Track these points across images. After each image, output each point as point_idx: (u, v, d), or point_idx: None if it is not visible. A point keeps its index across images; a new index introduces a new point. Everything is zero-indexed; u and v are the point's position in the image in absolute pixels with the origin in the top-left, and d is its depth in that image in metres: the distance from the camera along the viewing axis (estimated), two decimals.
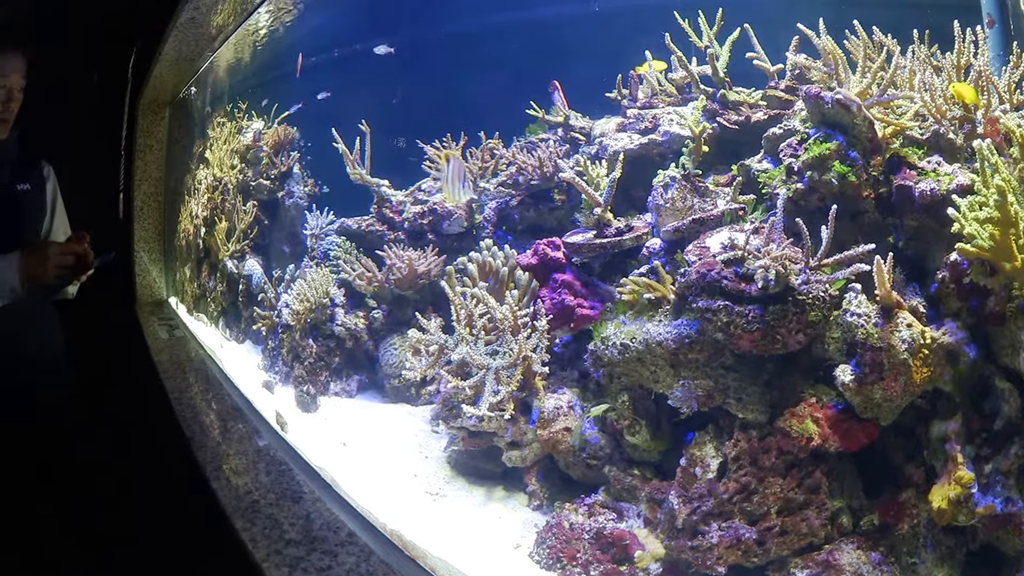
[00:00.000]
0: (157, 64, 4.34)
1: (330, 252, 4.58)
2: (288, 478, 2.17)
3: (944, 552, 2.08)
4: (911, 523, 2.15)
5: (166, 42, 3.89)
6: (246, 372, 4.35)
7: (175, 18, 3.50)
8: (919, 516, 2.14)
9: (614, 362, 2.64)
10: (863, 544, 2.18)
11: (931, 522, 2.08)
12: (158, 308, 5.36)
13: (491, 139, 4.16)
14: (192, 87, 5.47)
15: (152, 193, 5.44)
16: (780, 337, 2.26)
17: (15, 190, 2.62)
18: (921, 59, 2.55)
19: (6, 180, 2.60)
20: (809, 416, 2.25)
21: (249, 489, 2.06)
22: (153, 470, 2.87)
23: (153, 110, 5.33)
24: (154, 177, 5.42)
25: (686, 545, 2.25)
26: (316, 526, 1.82)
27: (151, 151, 5.37)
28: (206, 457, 2.29)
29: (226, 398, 3.11)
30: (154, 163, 5.42)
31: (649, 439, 2.62)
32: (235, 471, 2.24)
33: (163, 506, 2.63)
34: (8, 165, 2.62)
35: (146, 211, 5.42)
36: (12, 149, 2.62)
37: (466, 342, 3.02)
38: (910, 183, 2.33)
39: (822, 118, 2.57)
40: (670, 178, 2.90)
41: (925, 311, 2.22)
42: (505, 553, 2.52)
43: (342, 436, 3.49)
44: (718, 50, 3.19)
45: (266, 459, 2.34)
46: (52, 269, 2.35)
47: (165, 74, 4.67)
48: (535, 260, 3.14)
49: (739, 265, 2.34)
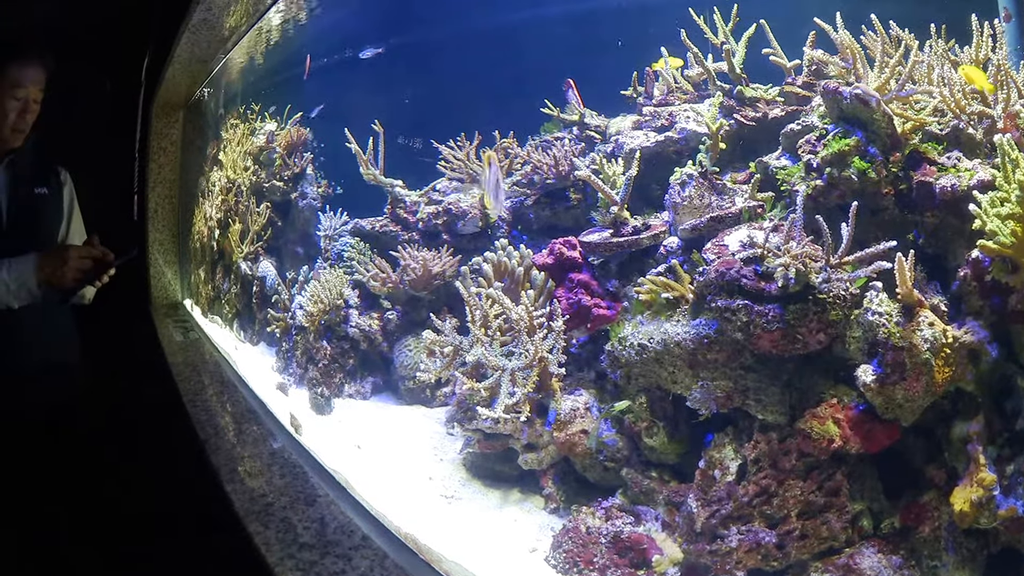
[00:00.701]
0: (170, 66, 4.35)
1: (344, 253, 4.57)
2: (302, 481, 2.16)
3: (965, 555, 2.05)
4: (932, 526, 2.11)
5: (179, 44, 3.89)
6: (260, 374, 4.35)
7: (187, 20, 3.50)
8: (940, 519, 2.10)
9: (632, 363, 2.61)
10: (884, 548, 2.14)
11: (952, 524, 2.04)
12: (173, 310, 5.38)
13: (505, 139, 4.13)
14: (206, 89, 5.48)
15: (167, 195, 5.47)
16: (800, 337, 2.23)
17: (33, 194, 2.65)
18: (939, 54, 2.50)
19: (24, 184, 2.63)
20: (830, 417, 2.21)
21: (263, 492, 2.05)
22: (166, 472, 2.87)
23: (167, 113, 5.35)
24: (168, 179, 5.45)
25: (705, 549, 2.22)
26: (330, 529, 1.80)
27: (165, 153, 5.40)
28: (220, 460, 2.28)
29: (240, 400, 3.11)
30: (168, 165, 5.45)
31: (667, 441, 2.59)
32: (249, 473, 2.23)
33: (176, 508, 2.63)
34: (26, 170, 2.64)
35: (160, 213, 5.45)
36: (30, 154, 2.65)
37: (481, 343, 2.99)
38: (930, 179, 2.29)
39: (840, 114, 2.53)
40: (687, 175, 2.86)
41: (946, 310, 2.19)
42: (521, 557, 2.50)
43: (356, 438, 3.47)
44: (734, 46, 3.16)
45: (280, 462, 2.32)
46: (70, 272, 2.37)
47: (178, 76, 4.68)
48: (551, 259, 3.12)
49: (758, 263, 2.30)
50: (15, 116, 2.54)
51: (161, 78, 4.66)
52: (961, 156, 2.32)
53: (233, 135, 5.81)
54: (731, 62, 3.14)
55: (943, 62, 2.47)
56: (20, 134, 2.58)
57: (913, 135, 2.43)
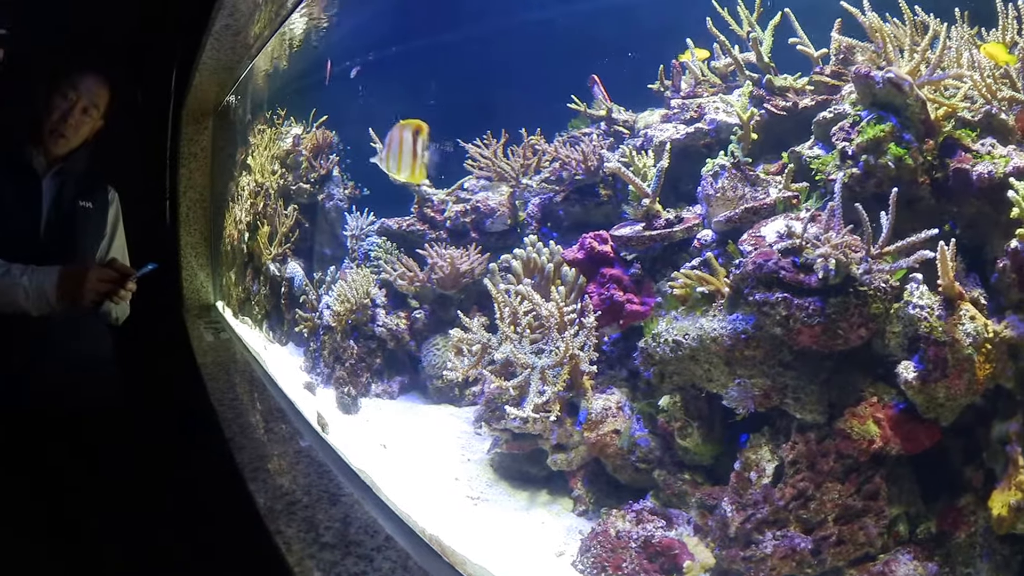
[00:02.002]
0: (197, 73, 4.40)
1: (371, 252, 4.57)
2: (327, 480, 2.15)
3: (999, 562, 1.95)
4: (968, 531, 2.02)
5: (204, 51, 3.93)
6: (288, 374, 4.36)
7: (210, 26, 3.53)
8: (977, 523, 2.01)
9: (666, 360, 2.53)
10: (919, 554, 2.05)
11: (988, 530, 1.95)
12: (205, 312, 5.44)
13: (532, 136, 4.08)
14: (234, 96, 5.53)
15: (198, 200, 5.54)
16: (841, 332, 2.13)
17: (77, 207, 2.68)
18: (966, 39, 2.40)
19: (69, 197, 2.65)
20: (870, 417, 2.13)
21: (287, 490, 2.04)
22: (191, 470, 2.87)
23: (196, 119, 5.43)
24: (199, 185, 5.53)
25: (738, 555, 2.14)
26: (353, 529, 1.78)
27: (195, 159, 5.47)
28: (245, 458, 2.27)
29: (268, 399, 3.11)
30: (199, 171, 5.52)
31: (701, 442, 2.51)
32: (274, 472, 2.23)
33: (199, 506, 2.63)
34: (72, 181, 2.68)
35: (192, 218, 5.52)
36: (80, 163, 2.68)
37: (510, 340, 2.93)
38: (967, 166, 2.19)
39: (873, 99, 2.43)
40: (720, 167, 2.79)
41: (986, 303, 2.09)
42: (548, 561, 2.43)
43: (383, 438, 3.45)
44: (761, 34, 3.08)
45: (305, 460, 2.32)
46: (87, 293, 2.38)
47: (205, 83, 4.74)
48: (581, 255, 3.06)
49: (797, 255, 2.22)
50: (58, 116, 2.56)
51: (188, 85, 4.71)
52: (995, 142, 2.23)
53: (260, 140, 5.86)
54: (759, 51, 3.06)
55: (970, 46, 2.38)
56: (61, 139, 2.60)
57: (946, 122, 2.34)
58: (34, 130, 2.57)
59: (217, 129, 5.67)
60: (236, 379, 3.45)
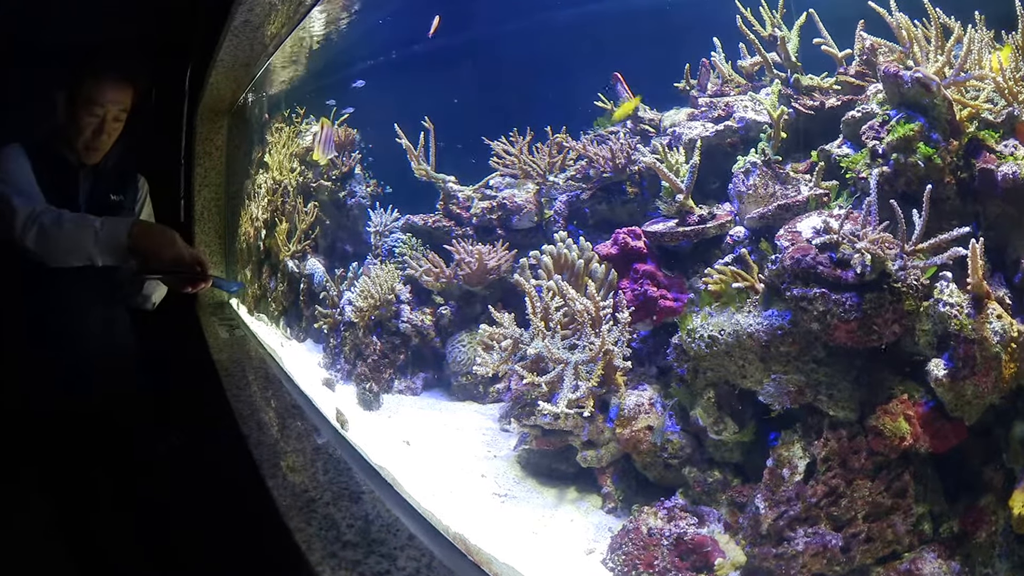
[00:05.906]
0: (213, 71, 4.40)
1: (395, 249, 4.57)
2: (347, 477, 2.09)
3: (1016, 562, 1.97)
4: (988, 531, 2.03)
5: (221, 47, 3.93)
6: (306, 370, 4.35)
7: (229, 22, 3.52)
8: (997, 523, 2.02)
9: (701, 356, 2.53)
10: (943, 552, 2.07)
11: (1007, 530, 1.96)
12: (219, 309, 5.43)
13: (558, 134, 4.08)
14: (250, 95, 5.54)
15: (212, 198, 5.56)
16: (876, 328, 2.14)
17: (109, 200, 2.71)
18: (985, 42, 2.41)
19: (102, 189, 2.69)
20: (902, 414, 2.13)
21: (306, 488, 2.00)
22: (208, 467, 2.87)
23: (211, 118, 5.45)
24: (214, 183, 5.55)
25: (770, 552, 2.14)
26: (375, 527, 1.74)
27: (210, 157, 5.50)
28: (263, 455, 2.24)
29: (285, 396, 3.10)
30: (214, 169, 5.55)
31: (734, 439, 2.51)
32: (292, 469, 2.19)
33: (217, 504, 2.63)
34: (107, 176, 2.71)
35: (207, 215, 5.54)
36: (113, 158, 2.70)
37: (542, 336, 2.92)
38: (992, 167, 2.20)
39: (901, 99, 2.44)
40: (751, 164, 2.79)
41: (1011, 303, 2.11)
42: (577, 559, 2.42)
43: (405, 434, 3.43)
44: (788, 34, 3.08)
45: (324, 457, 2.28)
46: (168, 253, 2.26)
47: (221, 81, 4.74)
48: (615, 250, 3.04)
49: (834, 250, 2.22)
50: (90, 134, 2.57)
51: (204, 83, 4.72)
52: (1018, 144, 2.24)
53: (278, 138, 5.86)
54: (786, 50, 3.06)
55: (991, 48, 2.38)
56: (96, 152, 2.62)
57: (969, 123, 2.34)
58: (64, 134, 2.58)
59: (233, 128, 5.69)
60: (251, 376, 3.42)
